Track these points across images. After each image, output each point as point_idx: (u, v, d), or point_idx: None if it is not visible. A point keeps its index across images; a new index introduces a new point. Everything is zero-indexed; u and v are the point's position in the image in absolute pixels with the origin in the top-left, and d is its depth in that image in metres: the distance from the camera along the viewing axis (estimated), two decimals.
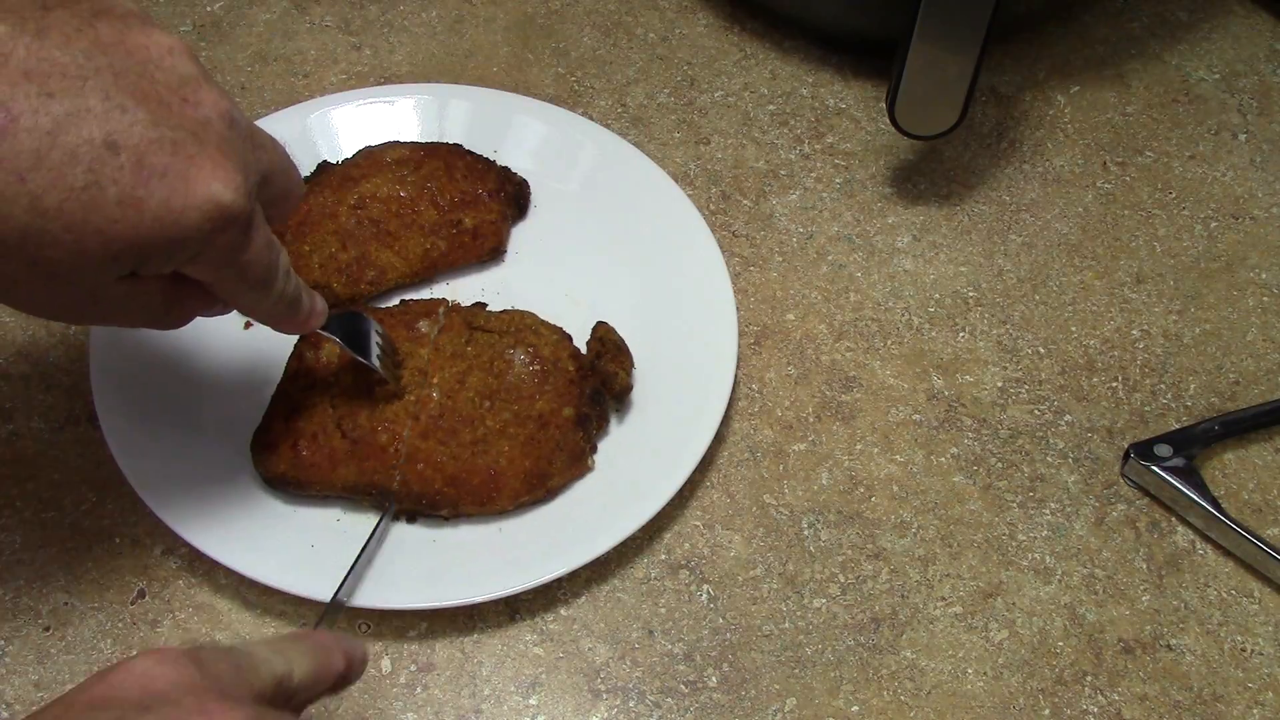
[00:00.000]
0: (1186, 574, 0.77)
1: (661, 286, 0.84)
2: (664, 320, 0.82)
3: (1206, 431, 0.81)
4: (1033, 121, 0.99)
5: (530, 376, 0.75)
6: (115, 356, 0.77)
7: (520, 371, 0.75)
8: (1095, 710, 0.72)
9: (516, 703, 0.70)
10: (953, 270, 0.90)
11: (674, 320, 0.83)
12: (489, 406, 0.74)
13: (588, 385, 0.77)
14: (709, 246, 0.85)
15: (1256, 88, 1.02)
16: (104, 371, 0.76)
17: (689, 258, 0.85)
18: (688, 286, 0.84)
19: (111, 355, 0.77)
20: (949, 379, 0.84)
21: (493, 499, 0.73)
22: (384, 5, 1.03)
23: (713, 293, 0.83)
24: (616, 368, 0.77)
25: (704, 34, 1.03)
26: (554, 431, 0.75)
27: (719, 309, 0.82)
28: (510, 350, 0.76)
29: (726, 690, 0.71)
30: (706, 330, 0.82)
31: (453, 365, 0.75)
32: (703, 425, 0.77)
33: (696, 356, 0.81)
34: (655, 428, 0.78)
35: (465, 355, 0.76)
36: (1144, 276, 0.91)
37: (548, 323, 0.79)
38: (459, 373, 0.75)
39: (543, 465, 0.74)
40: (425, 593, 0.71)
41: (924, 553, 0.77)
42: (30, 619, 0.71)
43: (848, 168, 0.95)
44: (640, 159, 0.89)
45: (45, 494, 0.76)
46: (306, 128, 0.89)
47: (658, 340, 0.81)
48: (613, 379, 0.77)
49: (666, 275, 0.84)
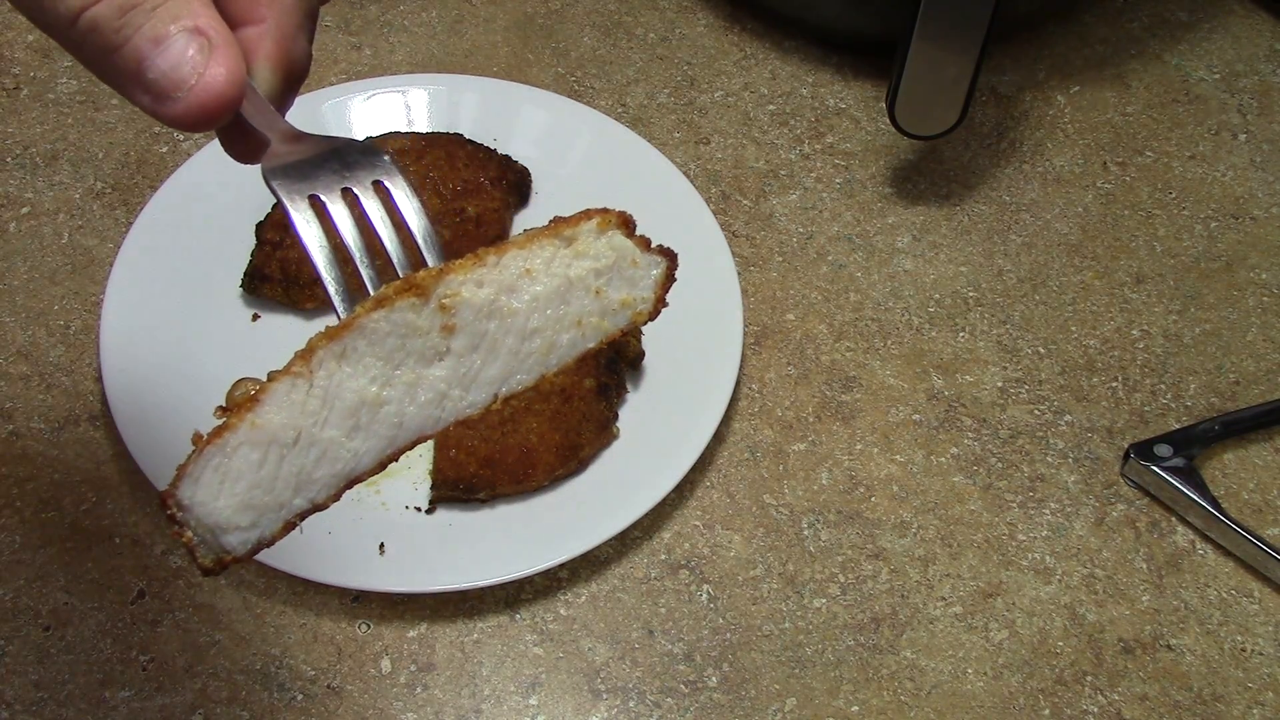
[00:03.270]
0: (1186, 574, 0.77)
1: None
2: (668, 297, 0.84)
3: (1206, 431, 0.81)
4: (1033, 121, 0.99)
5: None
6: (126, 356, 0.77)
7: None
8: (1095, 710, 0.72)
9: (516, 703, 0.70)
10: (953, 270, 0.90)
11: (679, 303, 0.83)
12: None
13: (603, 355, 0.78)
14: (713, 232, 0.86)
15: (1256, 88, 1.02)
16: (116, 369, 0.77)
17: (692, 241, 0.86)
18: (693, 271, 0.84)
19: (122, 354, 0.77)
20: (949, 379, 0.84)
21: (529, 475, 0.74)
22: (384, 5, 1.03)
23: (718, 277, 0.84)
24: (628, 335, 0.79)
25: (704, 34, 1.03)
26: (578, 403, 0.76)
27: (723, 290, 0.83)
28: None
29: (726, 690, 0.71)
30: (711, 314, 0.83)
31: None
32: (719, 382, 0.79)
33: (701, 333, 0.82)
34: (671, 393, 0.80)
35: None
36: (1144, 276, 0.91)
37: None
38: None
39: (573, 437, 0.75)
40: (470, 572, 0.72)
41: (924, 553, 0.77)
42: (30, 619, 0.71)
43: (848, 168, 0.95)
44: (642, 146, 0.90)
45: (45, 494, 0.76)
46: (308, 121, 0.89)
47: (663, 316, 0.82)
48: (625, 347, 0.79)
49: None
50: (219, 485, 0.43)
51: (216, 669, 0.70)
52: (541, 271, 0.46)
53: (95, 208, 0.89)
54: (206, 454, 0.42)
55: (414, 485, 0.76)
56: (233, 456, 0.43)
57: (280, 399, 0.43)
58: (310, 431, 0.44)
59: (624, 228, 0.49)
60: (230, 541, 0.43)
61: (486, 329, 0.45)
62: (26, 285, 0.85)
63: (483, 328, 0.45)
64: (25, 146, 0.92)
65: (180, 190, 0.86)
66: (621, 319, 0.49)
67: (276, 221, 0.83)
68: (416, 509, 0.75)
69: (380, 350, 0.44)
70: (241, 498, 0.43)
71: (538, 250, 0.46)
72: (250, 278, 0.82)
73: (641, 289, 0.49)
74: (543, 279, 0.46)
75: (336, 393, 0.44)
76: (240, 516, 0.43)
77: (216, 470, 0.43)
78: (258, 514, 0.44)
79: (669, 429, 0.78)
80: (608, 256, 0.48)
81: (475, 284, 0.45)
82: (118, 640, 0.71)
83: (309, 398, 0.43)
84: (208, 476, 0.42)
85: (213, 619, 0.72)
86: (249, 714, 0.69)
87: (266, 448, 0.43)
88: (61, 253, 0.87)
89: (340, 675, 0.70)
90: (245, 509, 0.43)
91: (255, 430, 0.43)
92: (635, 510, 0.74)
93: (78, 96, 0.95)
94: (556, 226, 0.47)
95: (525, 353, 0.46)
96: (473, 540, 0.74)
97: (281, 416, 0.43)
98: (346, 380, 0.44)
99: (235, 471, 0.43)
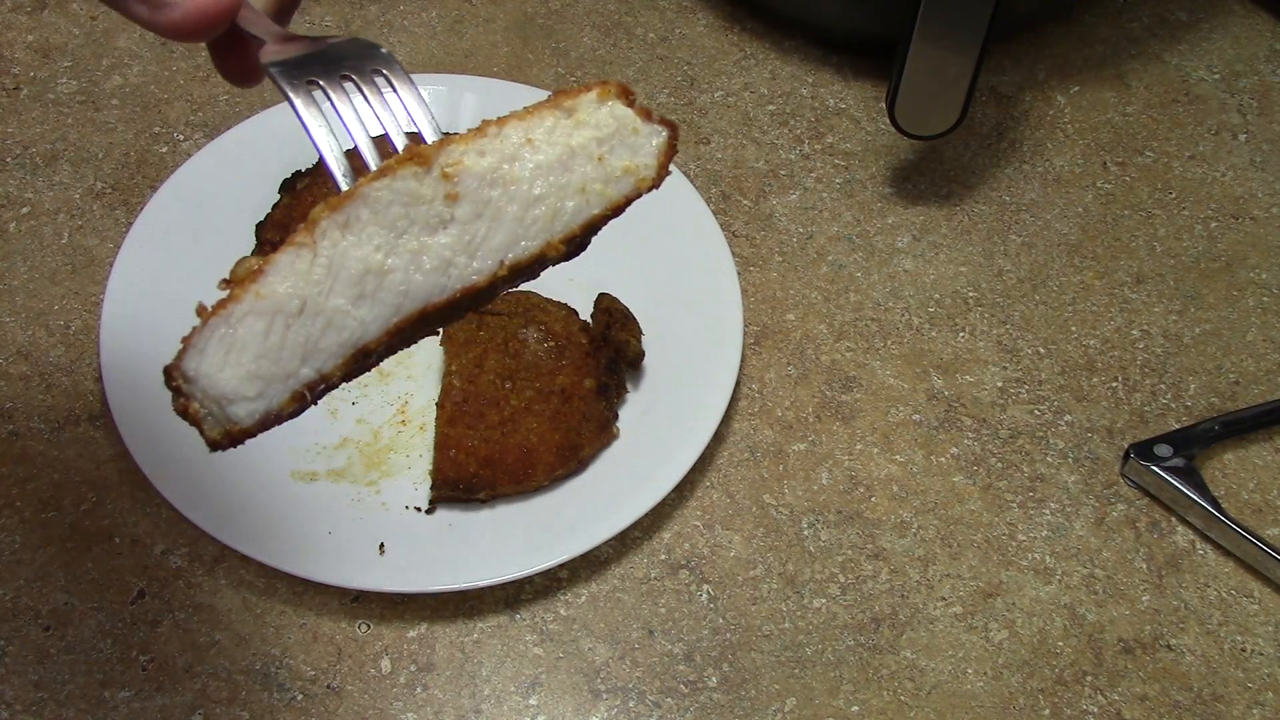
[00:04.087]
0: (1186, 574, 0.77)
1: (664, 267, 0.85)
2: (668, 297, 0.84)
3: (1206, 431, 0.81)
4: (1033, 121, 0.99)
5: (546, 353, 0.77)
6: (126, 356, 0.77)
7: (536, 349, 0.77)
8: (1095, 710, 0.72)
9: (516, 703, 0.70)
10: (953, 270, 0.90)
11: (679, 303, 0.84)
12: (511, 386, 0.76)
13: (603, 356, 0.78)
14: (713, 231, 0.86)
15: (1256, 88, 1.02)
16: (114, 368, 0.77)
17: (692, 241, 0.86)
18: (693, 271, 0.85)
19: (122, 354, 0.77)
20: (949, 379, 0.84)
21: (529, 475, 0.74)
22: (384, 5, 1.03)
23: (718, 277, 0.84)
24: (628, 335, 0.80)
25: (704, 34, 1.03)
26: (578, 403, 0.76)
27: (723, 290, 0.83)
28: (522, 330, 0.78)
29: (726, 690, 0.71)
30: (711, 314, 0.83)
31: (468, 351, 0.77)
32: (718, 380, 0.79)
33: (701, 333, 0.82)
34: (670, 393, 0.80)
35: (478, 340, 0.78)
36: (1144, 276, 0.91)
37: (552, 299, 0.81)
38: (475, 357, 0.77)
39: (572, 437, 0.75)
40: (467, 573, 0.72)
41: (924, 553, 0.77)
42: (30, 619, 0.71)
43: (848, 168, 0.95)
44: None
45: (45, 494, 0.76)
46: None
47: (662, 316, 0.83)
48: (625, 347, 0.79)
49: (669, 256, 0.86)
50: (224, 356, 0.42)
51: (216, 669, 0.70)
52: (543, 141, 0.46)
53: (95, 208, 0.89)
54: (211, 325, 0.42)
55: (414, 485, 0.76)
56: (238, 327, 0.42)
57: (284, 269, 0.43)
58: (316, 300, 0.43)
59: (624, 97, 0.49)
60: (237, 412, 0.43)
61: (490, 196, 0.45)
62: (26, 285, 0.85)
63: (486, 195, 0.45)
64: (25, 146, 0.92)
65: (180, 190, 0.86)
66: (625, 185, 0.49)
67: (276, 221, 0.83)
68: (416, 509, 0.75)
69: (384, 219, 0.44)
70: (248, 368, 0.43)
71: (539, 120, 0.47)
72: None
73: (644, 156, 0.49)
74: (544, 148, 0.46)
75: (341, 261, 0.43)
76: (247, 386, 0.43)
77: (221, 341, 0.42)
78: (265, 384, 0.43)
79: (669, 429, 0.78)
80: (609, 125, 0.48)
81: (477, 153, 0.45)
82: (118, 640, 0.71)
83: (314, 267, 0.43)
84: (213, 347, 0.42)
85: (213, 619, 0.72)
86: (249, 714, 0.69)
87: (272, 317, 0.43)
88: (61, 253, 0.87)
89: (340, 675, 0.70)
90: (252, 379, 0.43)
91: (260, 300, 0.43)
92: (635, 510, 0.74)
93: (78, 96, 0.95)
94: (557, 99, 0.47)
95: (530, 219, 0.46)
96: (473, 540, 0.74)
97: (286, 286, 0.43)
98: (351, 249, 0.44)
99: (241, 341, 0.42)
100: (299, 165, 0.86)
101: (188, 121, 0.94)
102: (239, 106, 0.95)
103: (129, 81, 0.96)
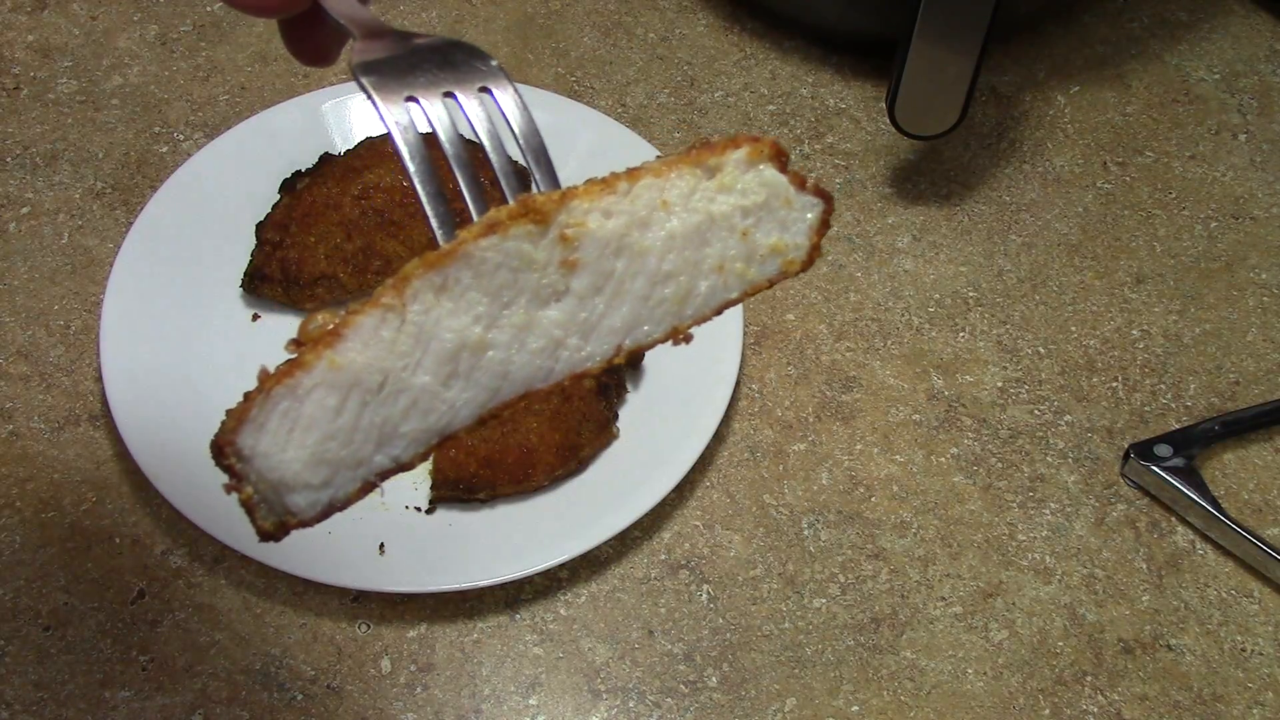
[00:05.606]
0: (1186, 574, 0.77)
1: None
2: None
3: (1206, 431, 0.81)
4: (1033, 121, 0.99)
5: None
6: (126, 356, 0.77)
7: None
8: (1095, 710, 0.72)
9: (516, 703, 0.70)
10: (953, 270, 0.90)
11: None
12: None
13: None
14: None
15: (1256, 88, 1.02)
16: (116, 369, 0.77)
17: None
18: None
19: (122, 354, 0.77)
20: (949, 379, 0.84)
21: (529, 475, 0.74)
22: (384, 5, 1.03)
23: None
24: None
25: (704, 34, 1.03)
26: (578, 403, 0.76)
27: None
28: None
29: (726, 690, 0.71)
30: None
31: None
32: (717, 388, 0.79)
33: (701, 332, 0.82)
34: (670, 393, 0.80)
35: None
36: (1144, 276, 0.91)
37: None
38: None
39: (572, 437, 0.75)
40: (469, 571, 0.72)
41: (924, 553, 0.77)
42: (30, 619, 0.71)
43: (848, 168, 0.95)
44: (643, 146, 0.90)
45: (45, 494, 0.76)
46: (308, 120, 0.90)
47: None
48: None
49: None
50: (287, 434, 0.36)
51: (216, 669, 0.70)
52: (679, 205, 0.39)
53: (95, 208, 0.89)
54: (274, 396, 0.36)
55: (414, 485, 0.76)
56: (305, 401, 0.36)
57: (365, 335, 0.37)
58: (400, 376, 0.37)
59: (776, 160, 0.41)
60: (297, 502, 0.37)
61: (613, 268, 0.39)
62: (26, 285, 0.85)
63: (609, 266, 0.39)
64: (25, 146, 0.92)
65: (180, 190, 0.86)
66: (770, 268, 0.41)
67: (277, 221, 0.83)
68: (416, 509, 0.75)
69: (488, 285, 0.37)
70: (313, 450, 0.36)
71: (676, 180, 0.39)
72: (250, 278, 0.82)
73: (795, 234, 0.41)
74: (680, 214, 0.39)
75: (433, 332, 0.37)
76: (311, 473, 0.36)
77: (285, 416, 0.36)
78: (331, 470, 0.37)
79: (669, 429, 0.78)
80: (757, 193, 0.40)
81: (603, 214, 0.38)
82: (118, 640, 0.71)
83: (400, 335, 0.37)
84: (274, 423, 0.36)
85: (213, 619, 0.72)
86: (249, 714, 0.69)
87: (347, 392, 0.36)
88: (61, 253, 0.87)
89: (340, 675, 0.70)
90: (317, 464, 0.36)
91: (334, 371, 0.36)
92: (635, 510, 0.74)
93: (78, 96, 0.95)
94: (699, 153, 0.40)
95: (656, 299, 0.40)
96: (473, 540, 0.74)
97: (366, 356, 0.37)
98: (446, 318, 0.37)
99: (307, 419, 0.36)
100: (299, 165, 0.86)
101: (188, 121, 0.94)
102: (239, 106, 0.95)
103: (129, 81, 0.96)
